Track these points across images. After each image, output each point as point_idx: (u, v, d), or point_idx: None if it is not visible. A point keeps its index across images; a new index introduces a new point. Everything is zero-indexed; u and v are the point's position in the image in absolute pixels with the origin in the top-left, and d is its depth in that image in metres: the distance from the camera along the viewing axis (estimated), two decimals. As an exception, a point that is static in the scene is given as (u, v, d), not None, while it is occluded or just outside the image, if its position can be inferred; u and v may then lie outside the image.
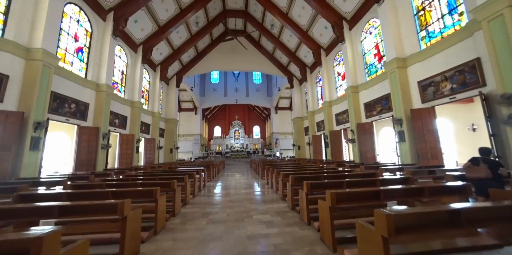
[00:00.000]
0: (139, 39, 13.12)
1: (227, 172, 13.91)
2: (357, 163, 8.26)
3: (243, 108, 34.50)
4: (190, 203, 5.00)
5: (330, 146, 13.91)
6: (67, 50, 8.68)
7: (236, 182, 8.63)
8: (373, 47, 10.18)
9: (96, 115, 9.88)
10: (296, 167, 7.39)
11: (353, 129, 11.16)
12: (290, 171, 5.99)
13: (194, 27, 15.80)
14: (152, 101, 15.85)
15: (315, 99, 16.99)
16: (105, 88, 10.02)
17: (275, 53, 19.32)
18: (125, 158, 12.31)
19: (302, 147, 19.12)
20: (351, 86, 11.19)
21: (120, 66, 12.34)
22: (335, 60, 13.96)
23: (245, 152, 27.15)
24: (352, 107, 11.21)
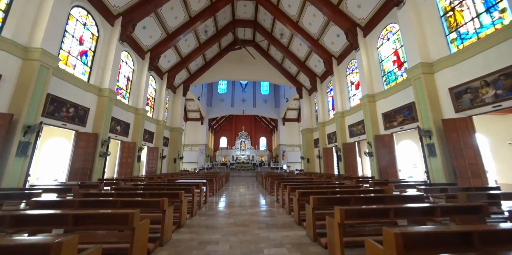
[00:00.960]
0: (147, 46, 12.95)
1: (232, 185, 12.90)
2: (379, 180, 7.20)
3: (249, 119, 33.94)
4: (186, 226, 4.09)
5: (343, 160, 12.83)
6: (71, 53, 8.36)
7: (242, 198, 7.65)
8: (392, 53, 9.48)
9: (96, 120, 9.33)
10: (311, 183, 6.41)
11: (370, 142, 10.17)
12: (305, 187, 5.05)
13: (203, 35, 15.71)
14: (158, 109, 15.40)
15: (326, 110, 16.18)
16: (108, 93, 9.56)
17: (284, 62, 18.96)
18: (125, 167, 11.57)
19: (312, 160, 18.00)
20: (367, 95, 10.38)
21: (126, 72, 12.04)
22: (347, 69, 13.31)
23: (251, 164, 26.07)
24: (368, 117, 10.31)
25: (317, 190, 4.35)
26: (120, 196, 3.86)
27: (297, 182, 6.62)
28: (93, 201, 3.06)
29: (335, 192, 4.15)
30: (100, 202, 3.07)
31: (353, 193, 4.23)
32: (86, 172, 8.67)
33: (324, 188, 5.08)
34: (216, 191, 9.07)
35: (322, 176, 10.40)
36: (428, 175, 6.99)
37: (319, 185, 5.39)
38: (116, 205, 3.05)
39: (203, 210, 5.57)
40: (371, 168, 10.25)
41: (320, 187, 5.08)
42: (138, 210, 2.42)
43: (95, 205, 3.00)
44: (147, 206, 3.12)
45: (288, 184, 5.77)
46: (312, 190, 4.29)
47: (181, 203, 4.02)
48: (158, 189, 4.85)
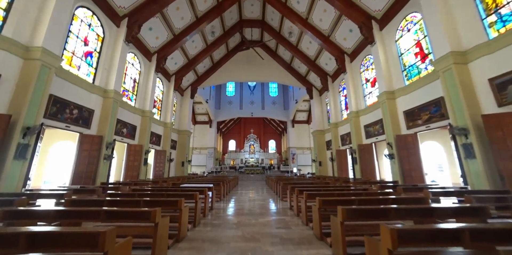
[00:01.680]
0: (154, 48, 12.74)
1: (240, 189, 12.24)
2: (407, 185, 6.32)
3: (258, 121, 33.36)
4: (186, 239, 3.48)
5: (359, 163, 11.89)
6: (75, 53, 8.13)
7: (251, 204, 6.98)
8: (413, 45, 8.63)
9: (101, 122, 9.03)
10: (328, 188, 5.65)
11: (391, 142, 9.25)
12: (325, 194, 4.33)
13: (210, 36, 15.41)
14: (165, 112, 15.13)
15: (338, 110, 15.31)
16: (113, 94, 9.28)
17: (293, 62, 18.33)
18: (132, 170, 11.22)
19: (324, 163, 17.05)
20: (386, 92, 9.51)
21: (133, 74, 11.82)
22: (361, 66, 12.48)
23: (260, 167, 25.35)
24: (388, 116, 9.42)
25: (341, 198, 3.62)
26: (111, 204, 3.32)
27: (312, 187, 5.88)
28: (71, 212, 2.51)
29: (364, 201, 3.42)
30: (79, 214, 2.51)
31: (386, 202, 3.48)
32: (90, 175, 8.32)
33: (346, 195, 4.33)
34: (224, 196, 8.44)
35: (337, 180, 9.54)
36: (465, 180, 6.04)
37: (340, 191, 4.64)
38: (99, 217, 2.49)
39: (208, 218, 4.95)
40: (392, 171, 9.30)
41: (342, 194, 4.34)
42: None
43: (69, 219, 2.45)
44: (135, 218, 2.54)
45: (304, 189, 5.06)
46: (334, 198, 3.57)
47: (180, 212, 3.42)
48: (158, 195, 4.28)
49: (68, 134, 8.45)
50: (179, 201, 3.38)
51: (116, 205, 3.31)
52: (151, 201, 3.38)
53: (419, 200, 3.54)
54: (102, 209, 2.51)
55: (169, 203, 3.42)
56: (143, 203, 3.35)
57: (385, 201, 3.50)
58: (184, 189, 5.18)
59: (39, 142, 6.54)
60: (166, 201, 3.44)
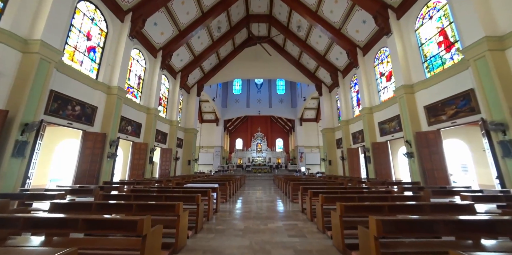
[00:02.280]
0: (159, 44, 12.39)
1: (248, 189, 11.76)
2: (434, 187, 5.61)
3: (265, 120, 32.78)
4: (185, 250, 3.00)
5: (372, 162, 11.14)
6: (77, 48, 7.84)
7: (259, 205, 6.46)
8: (436, 33, 7.82)
9: (104, 120, 8.75)
10: (346, 190, 5.04)
11: (409, 140, 8.49)
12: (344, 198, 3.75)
13: (216, 32, 14.95)
14: (171, 109, 14.82)
15: (350, 107, 14.53)
16: (117, 90, 8.97)
17: (302, 58, 17.62)
18: (137, 169, 10.95)
19: (334, 162, 16.31)
20: (404, 86, 8.74)
21: (138, 70, 11.52)
22: (375, 59, 11.68)
23: (267, 166, 24.81)
24: (406, 111, 8.66)
25: (367, 203, 3.04)
26: (100, 208, 2.88)
27: (328, 189, 5.30)
28: (41, 220, 2.06)
29: (395, 208, 2.82)
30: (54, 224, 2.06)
31: (422, 209, 2.87)
32: (94, 174, 8.04)
33: (370, 199, 3.74)
34: (230, 196, 7.97)
35: (351, 180, 8.87)
36: (502, 181, 5.28)
37: (360, 195, 4.05)
38: (76, 226, 2.03)
39: (212, 222, 4.47)
40: (411, 171, 8.54)
41: (365, 198, 3.74)
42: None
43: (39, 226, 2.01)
44: (119, 228, 2.07)
45: (318, 191, 4.49)
46: (359, 204, 2.99)
47: (178, 218, 2.94)
48: (155, 197, 3.83)
49: (75, 132, 8.20)
50: (176, 206, 2.90)
51: (104, 210, 2.87)
52: (146, 206, 2.91)
53: (462, 208, 2.90)
54: (79, 218, 2.06)
55: (165, 207, 2.94)
56: (136, 208, 2.89)
57: (421, 209, 2.89)
58: (187, 190, 4.72)
59: (39, 139, 6.26)
60: (162, 205, 2.97)
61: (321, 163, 24.92)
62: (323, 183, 7.15)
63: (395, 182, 7.47)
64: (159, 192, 4.58)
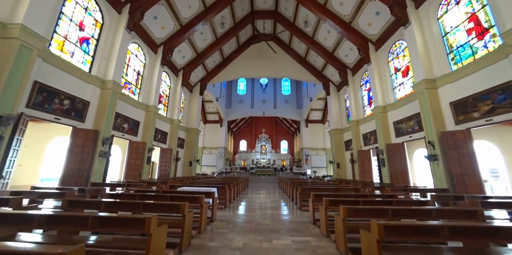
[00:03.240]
0: (159, 39, 11.76)
1: (251, 192, 10.85)
2: (477, 197, 4.60)
3: (270, 121, 31.90)
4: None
5: (387, 165, 10.09)
6: (68, 38, 7.20)
7: (262, 214, 5.56)
8: (465, 20, 6.84)
9: (98, 116, 8.05)
10: (371, 199, 4.10)
11: (432, 141, 7.47)
12: (374, 210, 2.84)
13: (219, 28, 14.28)
14: (172, 108, 14.14)
15: (360, 106, 13.52)
16: (112, 85, 8.29)
17: (308, 56, 16.75)
18: (133, 169, 10.21)
19: (342, 165, 15.24)
20: (426, 81, 7.75)
21: (136, 66, 10.88)
22: (390, 54, 10.72)
23: (272, 168, 23.82)
24: (428, 109, 7.65)
25: (422, 224, 2.12)
26: (50, 222, 2.07)
27: (344, 197, 4.37)
28: None
29: (458, 231, 1.89)
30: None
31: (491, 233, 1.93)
32: (83, 174, 7.31)
33: (408, 213, 2.80)
34: (231, 202, 7.09)
35: (365, 185, 7.87)
36: None
37: (392, 206, 3.11)
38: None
39: (204, 236, 3.60)
40: (434, 176, 7.48)
41: (401, 211, 2.81)
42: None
43: None
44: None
45: (336, 201, 3.58)
46: (407, 223, 2.07)
47: (149, 239, 2.08)
48: (130, 205, 2.98)
49: (68, 128, 7.52)
50: (147, 222, 2.05)
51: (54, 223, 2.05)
52: (106, 220, 2.08)
53: None
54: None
55: (132, 223, 2.10)
56: (92, 222, 2.06)
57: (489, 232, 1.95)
58: (176, 195, 3.87)
59: (18, 134, 5.56)
60: (129, 220, 2.13)
61: (327, 166, 23.79)
62: (335, 188, 6.19)
63: (419, 188, 6.44)
64: (141, 197, 3.74)
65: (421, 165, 11.17)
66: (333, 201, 3.66)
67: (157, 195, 3.85)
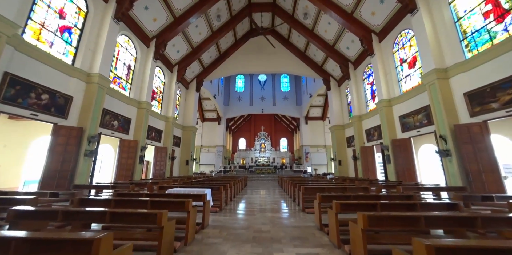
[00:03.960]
0: (152, 32, 11.05)
1: (250, 192, 10.24)
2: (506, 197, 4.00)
3: (269, 119, 31.27)
4: None
5: (393, 161, 9.49)
6: (46, 26, 6.50)
7: (262, 217, 4.95)
8: (482, 2, 6.19)
9: (82, 112, 7.39)
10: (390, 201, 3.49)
11: (444, 135, 6.85)
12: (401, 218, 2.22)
13: (215, 21, 13.56)
14: (167, 105, 13.46)
15: (363, 101, 12.89)
16: (98, 79, 7.61)
17: (308, 50, 16.07)
18: (125, 169, 9.56)
19: (344, 162, 14.65)
20: (436, 70, 7.12)
21: (127, 59, 10.18)
22: (395, 44, 10.06)
23: (271, 166, 23.23)
24: (439, 101, 7.03)
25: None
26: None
27: (354, 199, 3.75)
28: None
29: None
30: None
31: None
32: (66, 175, 6.65)
33: (447, 221, 2.18)
34: (227, 203, 6.47)
35: (372, 183, 7.27)
36: None
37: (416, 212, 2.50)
38: None
39: (192, 248, 2.97)
40: (447, 173, 6.87)
41: (432, 219, 2.19)
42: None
43: None
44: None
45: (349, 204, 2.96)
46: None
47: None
48: (90, 215, 2.34)
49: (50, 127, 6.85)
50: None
51: None
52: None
53: None
54: None
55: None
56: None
57: None
58: (160, 199, 3.23)
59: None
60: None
61: (328, 164, 23.22)
62: (341, 187, 5.57)
63: (433, 187, 5.84)
64: (116, 203, 3.10)
65: (427, 161, 10.59)
66: (346, 205, 3.03)
67: (136, 200, 3.21)
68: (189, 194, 4.10)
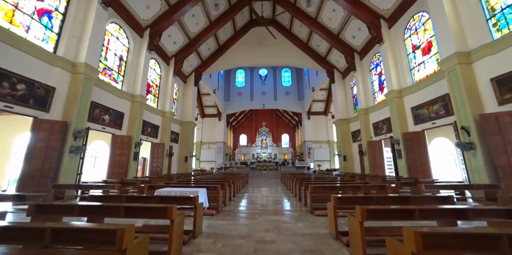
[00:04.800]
0: (145, 21, 10.23)
1: (251, 190, 9.57)
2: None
3: (271, 114, 30.49)
4: None
5: (404, 156, 8.74)
6: (19, 7, 5.73)
7: (265, 221, 4.26)
8: (517, -30, 5.32)
9: (67, 105, 6.67)
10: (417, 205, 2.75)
11: (467, 126, 6.08)
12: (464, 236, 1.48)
13: (213, 11, 12.68)
14: (164, 99, 12.72)
15: (370, 92, 12.06)
16: (84, 69, 6.87)
17: (311, 41, 15.16)
18: (118, 167, 8.91)
19: (349, 158, 13.92)
20: (458, 54, 6.29)
21: (118, 50, 9.40)
22: (407, 30, 9.18)
23: (273, 163, 22.55)
24: (461, 89, 6.23)
25: None
26: None
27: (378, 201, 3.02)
28: None
29: None
30: None
31: None
32: (48, 174, 5.99)
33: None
34: (226, 204, 5.77)
35: (385, 180, 6.54)
36: None
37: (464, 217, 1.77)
38: None
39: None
40: (469, 168, 6.11)
41: None
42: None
43: None
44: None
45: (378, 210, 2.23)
46: None
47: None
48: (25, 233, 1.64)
49: None
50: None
51: None
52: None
53: None
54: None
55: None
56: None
57: None
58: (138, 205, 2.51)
59: None
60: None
61: (331, 159, 22.52)
62: (354, 186, 4.84)
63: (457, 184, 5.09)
64: (81, 210, 2.39)
65: (439, 156, 9.83)
66: (373, 212, 2.30)
67: (109, 207, 2.49)
68: (179, 196, 3.39)
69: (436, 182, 5.85)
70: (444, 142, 10.20)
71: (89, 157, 11.39)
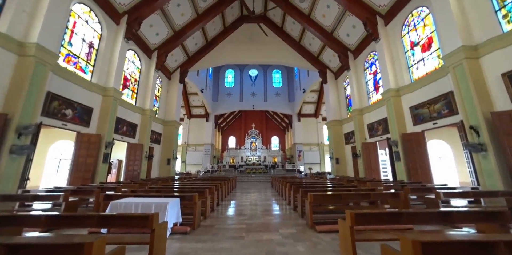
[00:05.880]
0: (122, 6, 9.01)
1: (239, 196, 8.49)
2: None
3: (260, 116, 29.62)
4: None
5: (403, 159, 8.12)
6: None
7: (255, 243, 3.27)
8: (533, -45, 4.83)
9: (10, 95, 5.33)
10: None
11: (476, 126, 5.48)
12: None
13: (201, 2, 11.69)
14: (144, 95, 11.41)
15: (364, 92, 11.51)
16: (34, 51, 5.58)
17: (303, 39, 14.54)
18: (83, 170, 7.52)
19: (342, 160, 13.25)
20: (465, 48, 5.73)
21: (88, 35, 8.10)
22: (404, 26, 8.70)
23: (263, 166, 21.56)
24: (468, 86, 5.65)
25: None
26: None
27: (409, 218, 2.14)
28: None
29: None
30: None
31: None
32: (-24, 180, 4.60)
33: None
34: (206, 217, 4.68)
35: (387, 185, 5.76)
36: None
37: None
38: None
39: None
40: (479, 171, 5.48)
41: None
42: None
43: None
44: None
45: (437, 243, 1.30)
46: None
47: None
48: None
49: None
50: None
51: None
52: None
53: None
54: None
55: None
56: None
57: None
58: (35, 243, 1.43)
59: None
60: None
61: (321, 162, 21.92)
62: (362, 194, 3.95)
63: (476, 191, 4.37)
64: None
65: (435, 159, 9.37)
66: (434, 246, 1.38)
67: None
68: (129, 215, 2.29)
69: (446, 187, 5.15)
70: (439, 145, 9.80)
71: (52, 159, 9.85)
